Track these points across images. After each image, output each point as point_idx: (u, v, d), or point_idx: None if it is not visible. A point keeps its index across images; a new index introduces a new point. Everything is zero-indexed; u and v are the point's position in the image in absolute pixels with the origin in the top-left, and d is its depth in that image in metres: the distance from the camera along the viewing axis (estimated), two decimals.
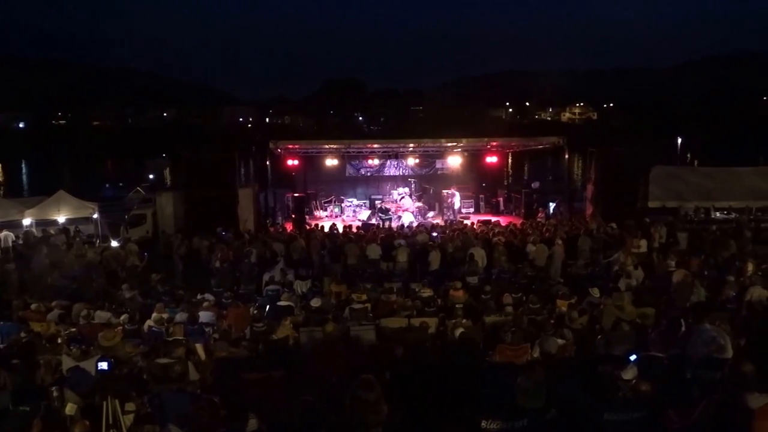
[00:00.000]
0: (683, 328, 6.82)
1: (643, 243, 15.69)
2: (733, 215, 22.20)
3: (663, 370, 5.69)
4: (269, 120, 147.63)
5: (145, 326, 9.71)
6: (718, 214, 22.47)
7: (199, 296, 12.33)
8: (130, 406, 5.19)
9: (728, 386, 4.25)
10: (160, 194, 21.37)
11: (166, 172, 26.55)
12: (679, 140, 60.30)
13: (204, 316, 10.13)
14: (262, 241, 16.79)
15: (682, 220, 20.42)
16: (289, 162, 25.13)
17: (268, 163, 23.06)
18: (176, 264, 15.85)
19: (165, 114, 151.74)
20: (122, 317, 10.12)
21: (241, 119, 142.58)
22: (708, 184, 22.92)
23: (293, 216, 23.64)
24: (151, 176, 48.60)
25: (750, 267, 11.90)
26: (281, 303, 10.91)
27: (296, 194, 24.66)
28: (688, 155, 57.01)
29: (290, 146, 24.35)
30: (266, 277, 13.20)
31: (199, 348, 8.41)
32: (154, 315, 9.87)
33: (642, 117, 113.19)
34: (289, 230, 20.66)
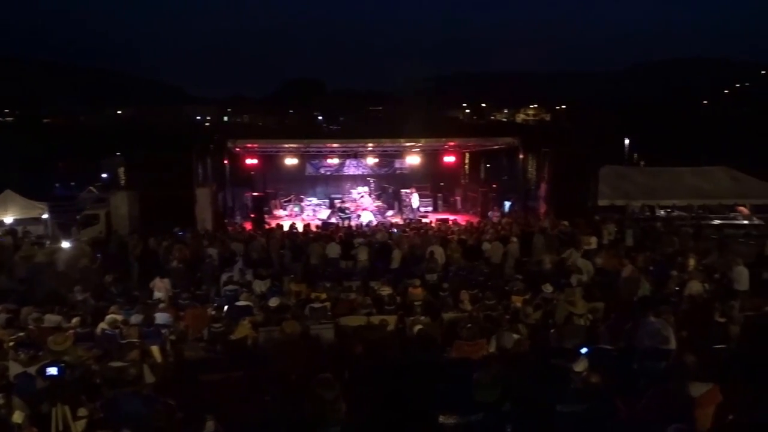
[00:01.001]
0: (631, 322, 7.09)
1: (594, 240, 16.11)
2: (676, 213, 23.01)
3: (612, 362, 5.89)
4: (228, 119, 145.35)
5: (98, 329, 9.47)
6: (662, 212, 23.27)
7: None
8: (82, 411, 5.13)
9: (672, 376, 4.47)
10: (115, 194, 20.93)
11: (121, 171, 25.93)
12: (627, 141, 61.87)
13: (160, 317, 10.00)
14: (220, 240, 16.64)
15: (629, 217, 20.98)
16: (248, 161, 24.97)
17: (226, 162, 22.91)
18: (132, 265, 15.57)
19: (120, 112, 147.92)
20: (74, 320, 9.79)
21: (198, 117, 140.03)
22: (653, 183, 23.70)
23: (252, 215, 23.53)
24: (104, 175, 47.35)
25: (691, 262, 12.37)
26: (240, 303, 10.83)
27: (255, 193, 24.53)
28: (635, 156, 58.69)
29: (249, 145, 24.20)
30: (224, 277, 13.08)
31: (155, 350, 8.34)
32: (107, 317, 9.64)
33: (592, 118, 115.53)
34: (248, 230, 20.54)
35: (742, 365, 5.47)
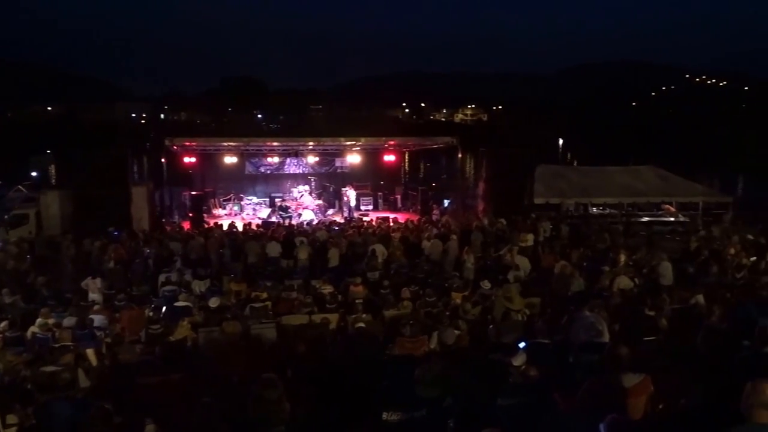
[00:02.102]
0: (566, 316, 7.30)
1: (530, 237, 16.49)
2: (607, 210, 23.83)
3: (549, 355, 6.03)
4: (164, 116, 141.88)
5: (29, 333, 9.17)
6: (594, 209, 24.05)
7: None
8: (11, 418, 4.95)
9: (606, 368, 4.63)
10: (45, 193, 20.11)
11: (52, 169, 24.98)
12: (561, 141, 63.74)
13: (95, 319, 9.72)
14: (157, 240, 16.27)
15: (563, 215, 21.55)
16: (186, 159, 24.39)
17: (163, 160, 22.38)
18: (64, 266, 15.03)
19: (50, 108, 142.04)
20: (2, 324, 9.46)
21: (134, 115, 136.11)
22: (586, 182, 24.46)
23: (191, 214, 23.02)
24: (33, 174, 45.43)
25: (622, 258, 12.83)
26: (179, 304, 10.63)
27: (194, 192, 23.99)
28: (568, 155, 60.47)
29: (187, 143, 23.66)
30: (162, 277, 12.79)
31: (90, 353, 8.11)
32: (38, 320, 9.34)
33: (528, 119, 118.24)
34: (186, 229, 20.14)
35: (670, 356, 5.69)
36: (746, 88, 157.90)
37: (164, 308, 10.73)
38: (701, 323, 7.18)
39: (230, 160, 25.93)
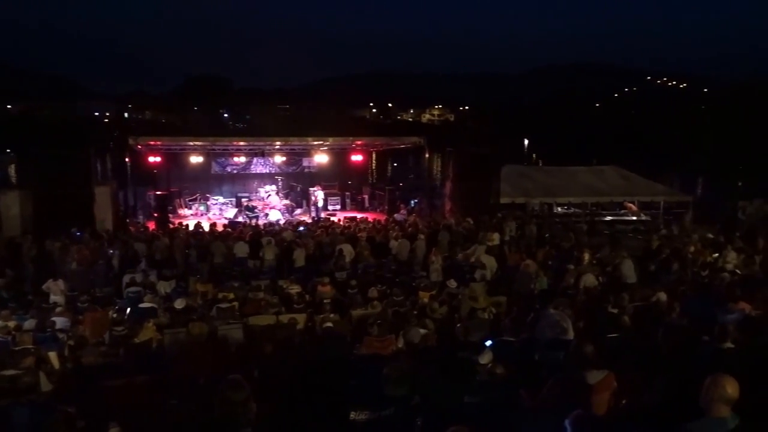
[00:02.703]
0: (532, 314, 7.39)
1: (496, 236, 16.63)
2: (572, 210, 24.21)
3: (515, 353, 6.10)
4: (128, 115, 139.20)
5: None
6: (559, 209, 24.41)
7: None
8: None
9: (570, 365, 4.71)
10: (5, 193, 19.59)
11: (12, 169, 24.27)
12: (526, 142, 64.53)
13: (58, 321, 9.53)
14: (121, 241, 16.01)
15: (529, 214, 21.81)
16: (151, 159, 24.07)
17: (127, 159, 22.07)
18: (26, 268, 14.68)
19: (9, 107, 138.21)
20: None
21: (97, 113, 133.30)
22: (551, 182, 24.85)
23: (156, 215, 22.72)
24: None
25: (586, 256, 13.03)
26: (143, 305, 10.46)
27: (159, 192, 23.66)
28: (534, 155, 61.25)
29: (152, 142, 23.36)
30: (126, 278, 12.57)
31: (52, 356, 7.95)
32: None
33: (494, 119, 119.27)
34: (151, 229, 19.86)
35: (632, 353, 5.80)
36: (705, 90, 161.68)
37: (129, 310, 10.57)
38: (662, 320, 7.36)
39: (196, 159, 25.72)
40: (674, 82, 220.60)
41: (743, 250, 14.30)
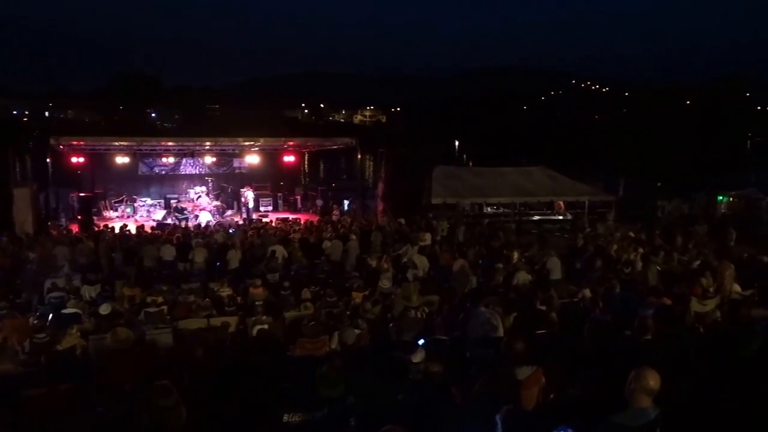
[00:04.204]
0: (463, 313, 7.52)
1: (428, 236, 16.82)
2: (501, 210, 24.76)
3: (447, 351, 6.18)
4: (49, 114, 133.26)
5: None
6: (489, 209, 24.93)
7: None
8: None
9: (501, 361, 4.82)
10: None
11: None
12: (457, 143, 65.63)
13: None
14: (42, 244, 15.33)
15: (460, 215, 22.17)
16: (74, 159, 23.21)
17: (49, 160, 21.18)
18: None
19: None
20: None
21: (15, 112, 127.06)
22: (480, 182, 25.31)
23: (79, 217, 21.89)
24: None
25: (515, 255, 13.36)
26: (67, 311, 10.03)
27: (82, 194, 22.80)
28: (464, 156, 62.34)
29: (74, 143, 22.54)
30: (48, 283, 12.01)
31: None
32: None
33: (425, 121, 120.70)
34: (74, 232, 19.13)
35: (559, 348, 5.98)
36: (626, 94, 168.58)
37: (50, 316, 10.13)
38: (587, 316, 7.63)
39: (122, 160, 24.97)
40: (597, 86, 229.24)
41: (662, 247, 14.99)
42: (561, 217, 24.49)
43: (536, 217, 24.18)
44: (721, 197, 27.20)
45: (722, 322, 7.74)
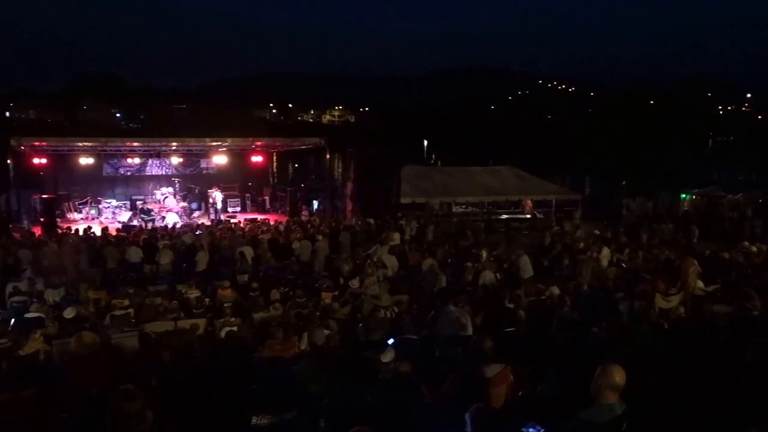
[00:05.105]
0: (432, 312, 7.54)
1: (397, 236, 16.85)
2: (470, 209, 24.92)
3: (416, 350, 6.19)
4: (10, 114, 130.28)
5: None
6: (458, 208, 25.08)
7: None
8: None
9: (470, 360, 4.84)
10: None
11: None
12: (425, 143, 65.90)
13: None
14: (4, 247, 14.99)
15: (429, 214, 22.27)
16: (36, 161, 22.72)
17: (9, 161, 20.83)
18: None
19: None
20: None
21: None
22: (449, 182, 25.43)
23: (42, 219, 21.42)
24: None
25: (484, 254, 13.43)
26: (29, 315, 9.83)
27: (45, 196, 22.32)
28: (433, 156, 62.61)
29: (36, 143, 22.11)
30: (9, 287, 11.74)
31: None
32: None
33: (393, 121, 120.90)
34: (37, 235, 18.72)
35: (527, 346, 6.04)
36: (591, 94, 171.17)
37: (13, 320, 9.90)
38: (555, 313, 7.71)
39: (86, 161, 24.55)
40: (564, 86, 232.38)
41: (627, 244, 15.23)
42: (528, 216, 24.74)
43: (504, 216, 24.37)
44: (684, 195, 27.83)
45: (686, 318, 7.88)
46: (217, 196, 25.06)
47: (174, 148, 25.39)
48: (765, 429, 3.52)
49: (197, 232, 18.16)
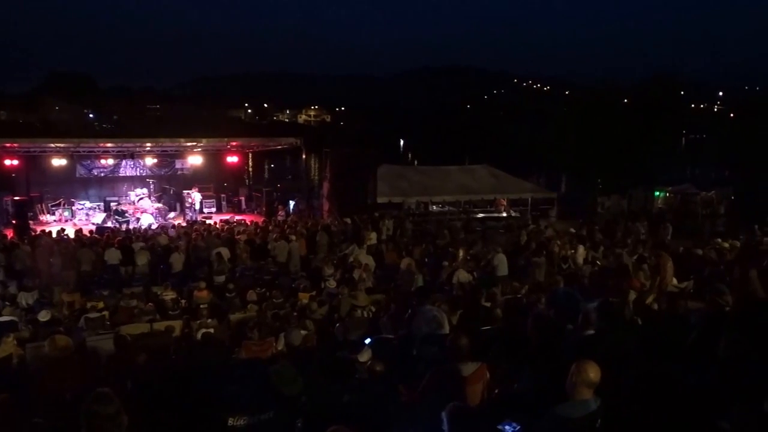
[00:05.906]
0: (410, 311, 7.55)
1: (374, 235, 16.88)
2: (446, 208, 25.02)
3: (393, 350, 6.21)
4: None
5: None
6: (434, 207, 25.16)
7: None
8: None
9: (446, 358, 4.86)
10: None
11: None
12: (402, 142, 66.05)
13: None
14: None
15: (405, 213, 22.32)
16: (7, 162, 22.31)
17: None
18: None
19: None
20: None
21: None
22: (426, 181, 25.52)
23: (14, 222, 21.05)
24: None
25: (461, 253, 13.52)
26: (2, 318, 9.70)
27: (17, 198, 21.94)
28: (409, 155, 62.71)
29: (8, 145, 21.73)
30: None
31: None
32: None
33: (369, 120, 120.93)
34: (9, 237, 18.40)
35: (503, 344, 6.07)
36: (566, 93, 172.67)
37: None
38: (531, 311, 7.77)
39: (59, 162, 24.17)
40: (538, 85, 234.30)
41: (602, 242, 15.41)
42: (504, 215, 24.90)
43: (480, 215, 24.50)
44: (657, 193, 28.21)
45: (660, 314, 7.99)
46: (195, 196, 24.84)
47: (148, 148, 25.11)
48: (735, 422, 3.59)
49: (170, 233, 18.01)
